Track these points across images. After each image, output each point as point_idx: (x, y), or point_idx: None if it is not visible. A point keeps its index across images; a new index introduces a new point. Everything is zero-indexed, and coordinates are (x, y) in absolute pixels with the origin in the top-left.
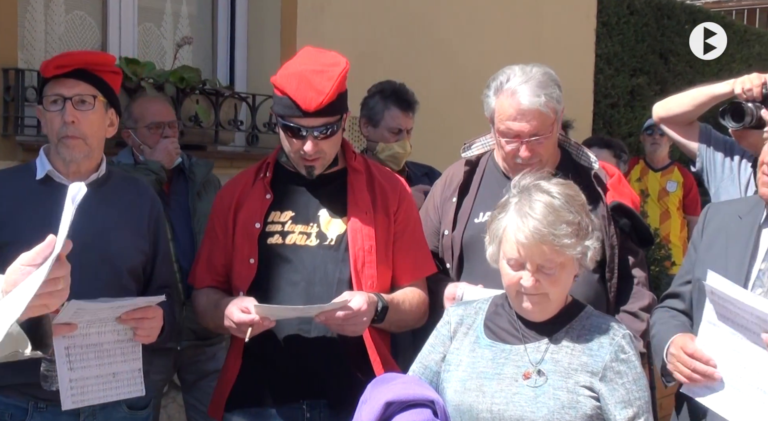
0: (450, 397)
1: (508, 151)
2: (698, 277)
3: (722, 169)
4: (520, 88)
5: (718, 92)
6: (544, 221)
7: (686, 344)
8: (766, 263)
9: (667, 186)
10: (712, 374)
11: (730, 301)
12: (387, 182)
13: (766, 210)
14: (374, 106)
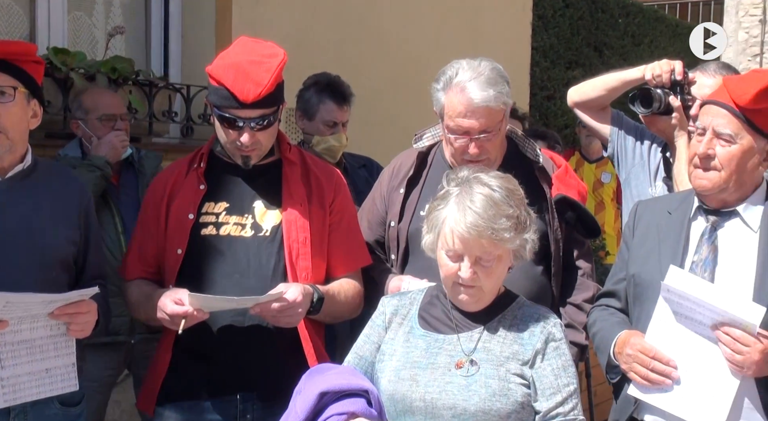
0: (384, 386)
1: (457, 148)
2: (633, 273)
3: (633, 154)
4: (469, 85)
5: (629, 77)
6: (485, 214)
7: (645, 346)
8: (698, 255)
9: (602, 177)
10: (670, 374)
11: (689, 297)
12: (322, 174)
13: (694, 205)
14: (309, 99)
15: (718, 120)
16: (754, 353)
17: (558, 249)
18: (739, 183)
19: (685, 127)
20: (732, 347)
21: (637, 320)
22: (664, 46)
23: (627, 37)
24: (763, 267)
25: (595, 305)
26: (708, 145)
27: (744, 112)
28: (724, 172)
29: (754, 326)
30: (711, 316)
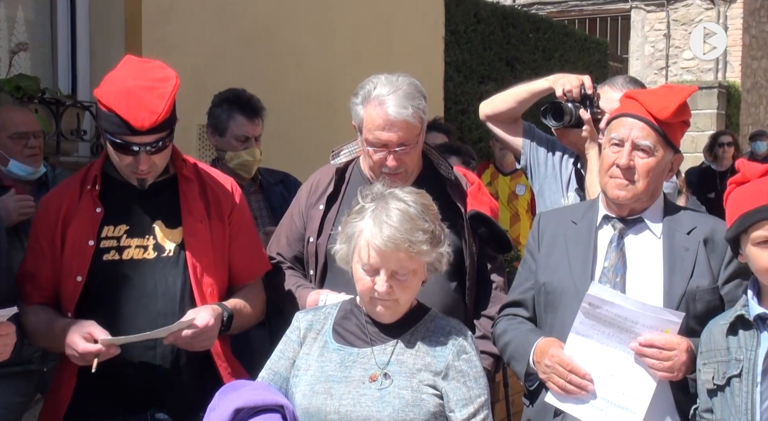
0: (299, 401)
1: (375, 161)
2: (543, 282)
3: (545, 166)
4: (388, 99)
5: (538, 89)
6: (401, 228)
7: (563, 359)
8: (608, 262)
9: (516, 189)
10: (587, 387)
11: (606, 309)
12: (219, 187)
13: (600, 213)
14: (219, 115)
15: (637, 132)
16: (681, 354)
17: (473, 264)
18: (651, 193)
19: (595, 140)
20: (658, 357)
21: (551, 328)
22: (573, 60)
23: (538, 51)
24: (670, 272)
25: (502, 314)
26: (629, 157)
27: (661, 126)
28: (641, 183)
29: (674, 330)
30: (633, 326)
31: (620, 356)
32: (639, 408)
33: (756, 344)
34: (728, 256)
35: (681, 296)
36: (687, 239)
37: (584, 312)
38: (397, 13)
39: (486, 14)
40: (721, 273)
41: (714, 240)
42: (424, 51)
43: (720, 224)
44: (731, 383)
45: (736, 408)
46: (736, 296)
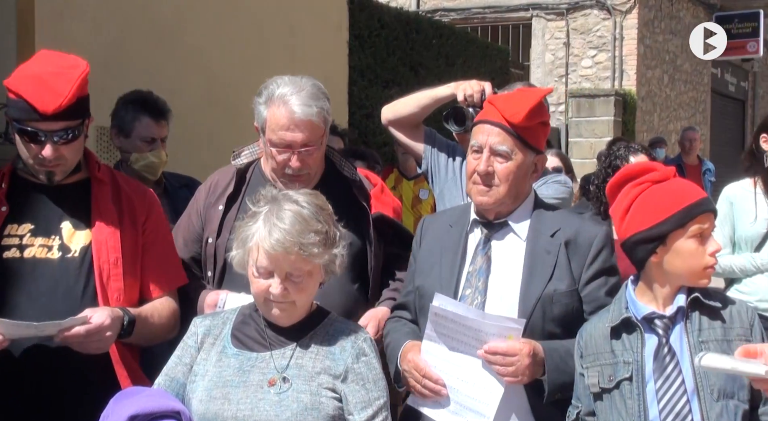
0: (195, 407)
1: (279, 162)
2: (417, 285)
3: (446, 170)
4: (292, 99)
5: (440, 95)
6: (293, 230)
7: (418, 365)
8: (473, 266)
9: (420, 194)
10: (440, 391)
11: (452, 319)
12: (134, 193)
13: (471, 217)
14: (124, 116)
15: (494, 138)
16: (523, 359)
17: (377, 264)
18: (514, 196)
19: None
20: (502, 363)
21: (422, 329)
22: (476, 66)
23: (441, 57)
24: (529, 273)
25: (390, 317)
26: (488, 163)
27: (516, 130)
28: (502, 187)
29: (516, 335)
30: (478, 334)
31: (469, 361)
32: (489, 411)
33: (641, 345)
34: (591, 256)
35: (537, 300)
36: (550, 241)
37: (432, 321)
38: (301, 17)
39: (390, 20)
40: (583, 274)
41: (577, 242)
42: (329, 55)
43: (586, 225)
44: (621, 385)
45: (627, 410)
46: (597, 297)
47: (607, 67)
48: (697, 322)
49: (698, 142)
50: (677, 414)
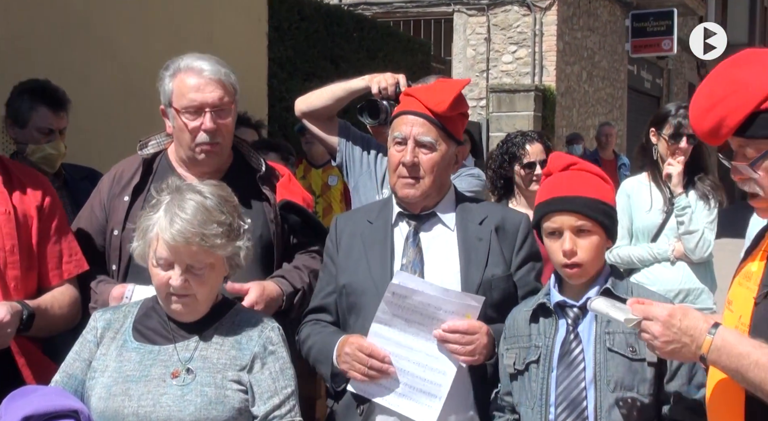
0: (95, 404)
1: (191, 130)
2: (344, 284)
3: (360, 163)
4: (199, 63)
5: (354, 87)
6: (194, 220)
7: (362, 344)
8: (406, 258)
9: (329, 181)
10: (387, 370)
11: (411, 297)
12: (28, 181)
13: (395, 211)
14: (20, 106)
15: (418, 129)
16: (482, 338)
17: (282, 254)
18: (439, 188)
19: None
20: (461, 342)
21: (353, 329)
22: (397, 60)
23: (362, 50)
24: (466, 262)
25: (305, 321)
26: (414, 154)
27: (440, 120)
28: (428, 179)
29: (474, 314)
30: (436, 312)
31: (422, 343)
32: (440, 393)
33: (554, 331)
34: (518, 242)
35: (478, 286)
36: (479, 228)
37: (387, 302)
38: (218, 8)
39: (310, 12)
40: (513, 260)
41: (505, 228)
42: (247, 47)
43: (510, 213)
44: (529, 368)
45: (532, 393)
46: (528, 281)
47: (528, 62)
48: None
49: (614, 137)
50: (571, 401)
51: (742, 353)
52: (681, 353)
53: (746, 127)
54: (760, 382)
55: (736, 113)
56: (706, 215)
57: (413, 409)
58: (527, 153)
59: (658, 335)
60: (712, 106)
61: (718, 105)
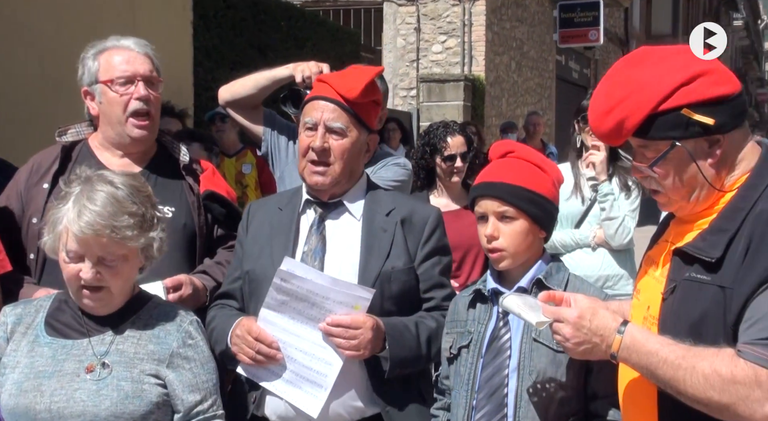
0: (5, 401)
1: (124, 98)
2: (247, 270)
3: (286, 153)
4: (124, 41)
5: (278, 76)
6: (104, 212)
7: (251, 327)
8: (308, 246)
9: (243, 169)
10: (275, 356)
11: (299, 285)
12: None
13: (303, 198)
14: None
15: (329, 114)
16: (366, 333)
17: (203, 244)
18: (349, 175)
19: None
20: (344, 336)
21: (254, 315)
22: (326, 50)
23: (290, 39)
24: (367, 253)
25: (213, 305)
26: (323, 139)
27: (351, 106)
28: (337, 165)
29: (364, 306)
30: (324, 301)
31: (309, 332)
32: (325, 383)
33: (488, 317)
34: (425, 236)
35: (376, 277)
36: (386, 220)
37: (276, 287)
38: None
39: (236, 0)
40: (418, 253)
41: (412, 221)
42: (172, 35)
43: (419, 206)
44: (461, 353)
45: (461, 377)
46: (431, 276)
47: (457, 52)
48: None
49: (542, 126)
50: (492, 387)
51: (651, 350)
52: (592, 353)
53: (645, 128)
54: (669, 379)
55: (634, 115)
56: (628, 203)
57: (299, 397)
58: (448, 145)
59: (569, 336)
60: (611, 109)
61: (616, 107)
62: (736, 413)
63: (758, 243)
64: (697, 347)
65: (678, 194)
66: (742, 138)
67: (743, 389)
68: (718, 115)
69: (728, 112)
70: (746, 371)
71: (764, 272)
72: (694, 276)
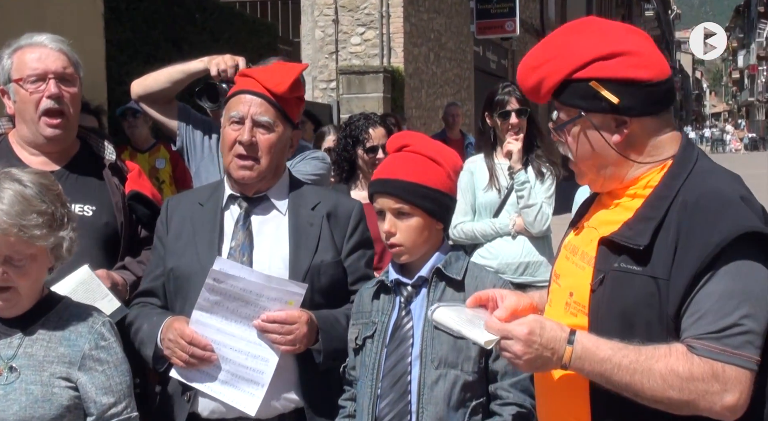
0: None
1: (33, 94)
2: (171, 267)
3: (202, 148)
4: (39, 38)
5: (192, 69)
6: (11, 210)
7: (184, 330)
8: (235, 241)
9: (156, 164)
10: (210, 358)
11: (232, 284)
12: None
13: (226, 193)
14: None
15: (256, 108)
16: (302, 327)
17: (126, 244)
18: (274, 170)
19: None
20: (280, 331)
21: (179, 313)
22: (242, 42)
23: (206, 32)
24: (296, 247)
25: (134, 303)
26: (251, 133)
27: (278, 101)
28: (265, 160)
29: (297, 301)
30: (258, 299)
31: (244, 330)
32: (263, 380)
33: (391, 307)
34: (350, 229)
35: (306, 271)
36: (312, 214)
37: (209, 288)
38: None
39: None
40: (344, 246)
41: (337, 215)
42: (82, 28)
43: (343, 199)
44: (366, 343)
45: (366, 367)
46: (358, 268)
47: (376, 44)
48: (439, 292)
49: (460, 117)
50: (395, 375)
51: (603, 357)
52: (544, 367)
53: (559, 92)
54: (626, 384)
55: (551, 77)
56: (544, 189)
57: (236, 397)
58: (370, 137)
59: (520, 353)
60: (535, 67)
61: (541, 66)
62: (697, 408)
63: (687, 235)
64: (647, 348)
65: (585, 165)
66: (657, 127)
67: (702, 384)
68: (627, 97)
69: (640, 97)
70: (702, 367)
71: (697, 265)
72: (624, 266)
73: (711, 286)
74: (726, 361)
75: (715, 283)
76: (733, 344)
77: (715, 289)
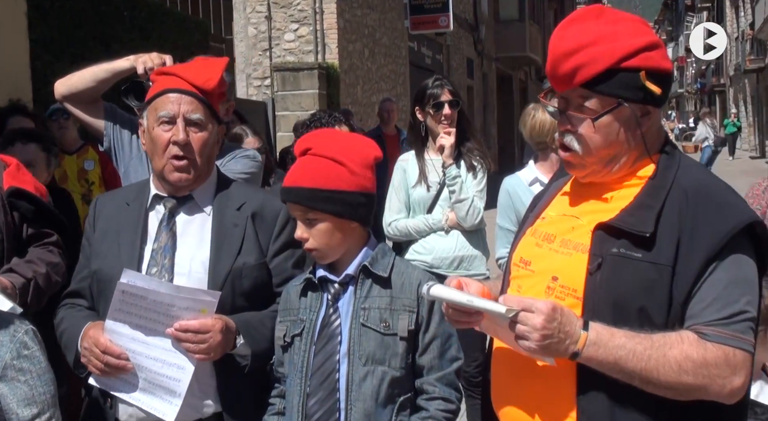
0: None
1: None
2: (95, 269)
3: (130, 148)
4: None
5: (118, 68)
6: None
7: (98, 339)
8: (158, 243)
9: (85, 165)
10: (125, 366)
11: (142, 296)
12: None
13: (151, 193)
14: None
15: (187, 107)
16: (216, 336)
17: (12, 244)
18: (206, 169)
19: None
20: (193, 340)
21: (102, 315)
22: (173, 40)
23: (135, 30)
24: (218, 249)
25: (62, 304)
26: (186, 132)
27: (207, 98)
28: (200, 159)
29: (211, 309)
30: (170, 309)
31: (158, 339)
32: (179, 389)
33: (319, 305)
34: (277, 230)
35: (227, 274)
36: (237, 214)
37: (119, 299)
38: None
39: None
40: (270, 247)
41: (263, 215)
42: (5, 27)
43: (270, 199)
44: (294, 340)
45: (295, 365)
46: (284, 269)
47: (310, 40)
48: (366, 289)
49: (395, 112)
50: (324, 373)
51: (618, 344)
52: (553, 349)
53: (598, 81)
54: (639, 370)
55: (595, 64)
56: (476, 183)
57: (154, 404)
58: None
59: (539, 327)
60: (574, 51)
61: (580, 51)
62: (707, 393)
63: (693, 223)
64: (657, 335)
65: (599, 155)
66: (659, 118)
67: (715, 369)
68: (664, 88)
69: (667, 89)
70: (715, 352)
71: (707, 252)
72: (624, 252)
73: (718, 273)
74: (736, 346)
75: (722, 271)
76: (740, 330)
77: (722, 276)
